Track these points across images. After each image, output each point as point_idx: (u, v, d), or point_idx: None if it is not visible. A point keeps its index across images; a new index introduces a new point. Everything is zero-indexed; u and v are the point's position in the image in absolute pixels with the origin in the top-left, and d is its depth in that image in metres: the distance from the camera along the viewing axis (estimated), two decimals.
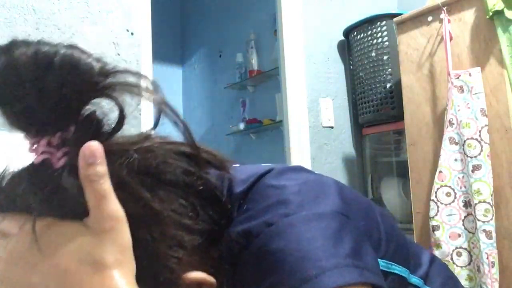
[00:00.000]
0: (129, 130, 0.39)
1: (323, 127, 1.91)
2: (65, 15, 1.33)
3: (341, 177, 1.95)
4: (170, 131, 0.42)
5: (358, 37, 1.91)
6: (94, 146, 0.34)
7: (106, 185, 0.35)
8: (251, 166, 0.50)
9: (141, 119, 1.37)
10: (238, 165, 0.50)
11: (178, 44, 3.58)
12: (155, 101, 0.37)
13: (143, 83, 0.37)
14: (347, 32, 1.98)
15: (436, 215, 1.36)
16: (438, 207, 1.36)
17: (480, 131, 1.30)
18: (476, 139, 1.30)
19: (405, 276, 0.48)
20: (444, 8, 1.44)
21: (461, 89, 1.36)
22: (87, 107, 0.36)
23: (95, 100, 0.36)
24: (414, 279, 0.50)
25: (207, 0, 3.27)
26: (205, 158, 0.43)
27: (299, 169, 0.50)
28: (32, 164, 0.36)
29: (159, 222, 0.38)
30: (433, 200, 1.37)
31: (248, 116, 2.80)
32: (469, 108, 1.33)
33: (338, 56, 2.03)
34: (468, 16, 1.40)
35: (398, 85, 1.70)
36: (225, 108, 3.06)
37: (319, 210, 0.41)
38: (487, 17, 1.32)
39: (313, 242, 0.37)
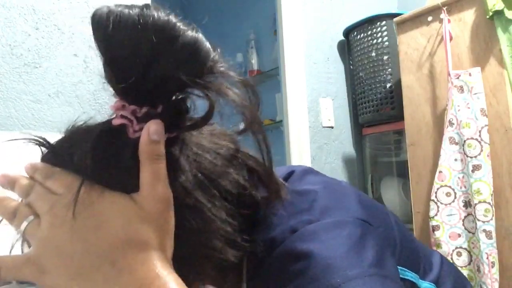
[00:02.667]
0: None
1: (323, 127, 1.91)
2: (65, 15, 1.33)
3: (341, 177, 1.95)
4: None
5: (358, 37, 1.90)
6: (160, 125, 0.34)
7: (163, 167, 0.34)
8: None
9: None
10: None
11: None
12: (247, 118, 0.37)
13: (242, 94, 0.36)
14: (347, 32, 1.98)
15: (436, 215, 1.36)
16: (438, 207, 1.36)
17: (480, 131, 1.30)
18: (476, 139, 1.30)
19: (415, 281, 0.48)
20: (444, 8, 1.43)
21: (461, 89, 1.36)
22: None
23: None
24: (425, 284, 0.50)
25: (207, 0, 3.27)
26: (265, 181, 0.42)
27: (315, 171, 0.50)
28: (106, 124, 0.36)
29: (202, 222, 0.37)
30: (433, 200, 1.37)
31: None
32: (469, 108, 1.33)
33: (338, 56, 2.03)
34: (468, 16, 1.40)
35: (398, 85, 1.69)
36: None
37: (341, 217, 0.41)
38: (487, 17, 1.32)
39: (337, 249, 0.37)
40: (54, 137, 0.43)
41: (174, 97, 0.36)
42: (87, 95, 1.33)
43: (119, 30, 0.32)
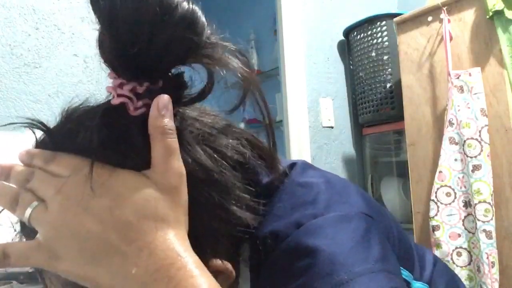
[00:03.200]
0: None
1: (323, 127, 1.91)
2: (65, 15, 1.33)
3: (341, 177, 1.95)
4: None
5: (358, 37, 1.90)
6: (169, 99, 0.34)
7: (176, 141, 0.34)
8: None
9: None
10: None
11: None
12: (246, 83, 0.37)
13: (240, 61, 0.37)
14: (347, 32, 1.98)
15: (436, 215, 1.36)
16: (438, 207, 1.36)
17: (480, 131, 1.30)
18: (476, 139, 1.30)
19: (409, 281, 0.48)
20: (444, 8, 1.43)
21: (461, 89, 1.36)
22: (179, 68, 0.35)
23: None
24: (418, 284, 0.50)
25: (207, 0, 3.27)
26: (261, 154, 0.42)
27: (314, 166, 0.50)
28: (107, 105, 0.35)
29: (216, 191, 0.37)
30: (433, 200, 1.37)
31: (248, 116, 2.80)
32: (469, 108, 1.33)
33: (338, 56, 2.03)
34: (468, 16, 1.40)
35: (398, 85, 1.69)
36: (225, 108, 3.06)
37: (346, 211, 0.40)
38: (487, 17, 1.32)
39: (343, 245, 0.36)
40: None
41: (173, 71, 0.36)
42: (87, 95, 1.32)
43: (119, 1, 0.31)
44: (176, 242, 0.32)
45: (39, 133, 0.38)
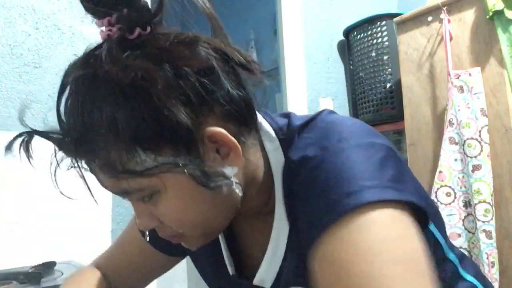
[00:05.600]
0: None
1: None
2: (65, 15, 1.33)
3: None
4: None
5: (358, 37, 1.90)
6: None
7: None
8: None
9: None
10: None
11: None
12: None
13: None
14: (347, 32, 1.98)
15: None
16: (438, 207, 1.36)
17: (480, 131, 1.30)
18: (476, 139, 1.30)
19: (442, 244, 0.51)
20: (444, 8, 1.43)
21: (461, 89, 1.36)
22: None
23: None
24: (452, 255, 0.53)
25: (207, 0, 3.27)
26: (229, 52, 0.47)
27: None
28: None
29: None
30: (433, 200, 1.37)
31: None
32: (469, 108, 1.33)
33: (338, 56, 2.03)
34: (468, 16, 1.40)
35: (398, 85, 1.69)
36: None
37: (370, 140, 0.43)
38: (487, 17, 1.32)
39: (359, 165, 0.40)
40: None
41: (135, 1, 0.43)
42: None
43: None
44: None
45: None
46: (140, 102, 0.39)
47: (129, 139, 0.40)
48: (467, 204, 1.32)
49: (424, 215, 0.41)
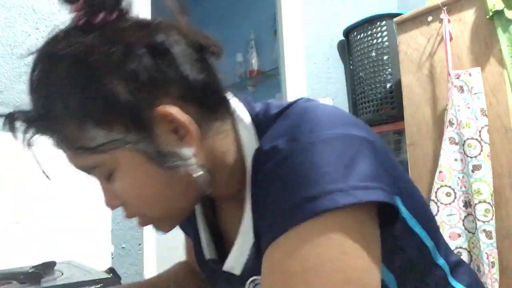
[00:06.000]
0: None
1: None
2: (65, 15, 1.33)
3: None
4: None
5: (358, 37, 1.90)
6: None
7: None
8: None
9: None
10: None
11: None
12: None
13: None
14: (347, 32, 1.98)
15: (436, 215, 1.35)
16: (438, 207, 1.36)
17: (480, 131, 1.30)
18: (476, 139, 1.30)
19: (429, 247, 0.49)
20: (444, 8, 1.43)
21: (461, 89, 1.36)
22: None
23: None
24: (441, 261, 0.51)
25: (207, 0, 3.27)
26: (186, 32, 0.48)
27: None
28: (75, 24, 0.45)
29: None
30: (433, 200, 1.37)
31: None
32: (469, 108, 1.33)
33: (338, 56, 2.03)
34: (468, 16, 1.40)
35: (398, 85, 1.69)
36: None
37: (344, 131, 0.41)
38: (487, 17, 1.32)
39: (327, 164, 0.38)
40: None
41: None
42: None
43: None
44: None
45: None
46: (85, 78, 0.41)
47: (79, 115, 0.41)
48: (467, 204, 1.32)
49: (397, 211, 0.40)
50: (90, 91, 0.41)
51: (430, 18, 1.50)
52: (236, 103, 0.50)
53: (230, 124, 0.49)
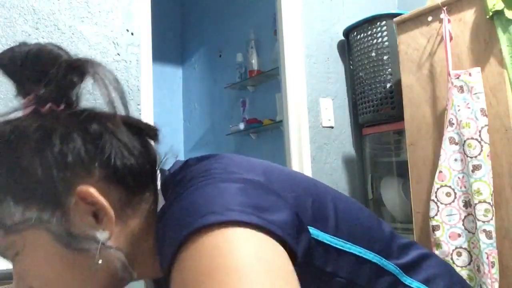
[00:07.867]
0: None
1: (323, 127, 1.91)
2: (65, 15, 1.33)
3: (341, 177, 1.95)
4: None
5: (358, 37, 1.90)
6: None
7: None
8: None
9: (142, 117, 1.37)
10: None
11: (178, 44, 3.58)
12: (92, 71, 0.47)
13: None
14: (347, 32, 1.98)
15: (436, 215, 1.36)
16: (438, 207, 1.36)
17: (480, 131, 1.30)
18: (476, 139, 1.30)
19: (371, 259, 0.49)
20: (444, 8, 1.43)
21: (461, 89, 1.36)
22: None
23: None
24: (391, 266, 0.50)
25: (207, 0, 3.27)
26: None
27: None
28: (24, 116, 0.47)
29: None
30: (433, 200, 1.37)
31: (248, 116, 2.80)
32: (469, 108, 1.33)
33: (338, 56, 2.03)
34: (468, 16, 1.40)
35: (398, 85, 1.69)
36: (225, 108, 3.06)
37: (235, 176, 0.43)
38: (487, 17, 1.32)
39: (213, 198, 0.39)
40: None
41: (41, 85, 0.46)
42: (86, 94, 1.32)
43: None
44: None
45: None
46: (10, 157, 0.43)
47: (1, 190, 0.43)
48: (467, 204, 1.32)
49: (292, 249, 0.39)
50: (11, 168, 0.42)
51: (430, 18, 1.50)
52: (162, 180, 0.51)
53: (155, 203, 0.49)
